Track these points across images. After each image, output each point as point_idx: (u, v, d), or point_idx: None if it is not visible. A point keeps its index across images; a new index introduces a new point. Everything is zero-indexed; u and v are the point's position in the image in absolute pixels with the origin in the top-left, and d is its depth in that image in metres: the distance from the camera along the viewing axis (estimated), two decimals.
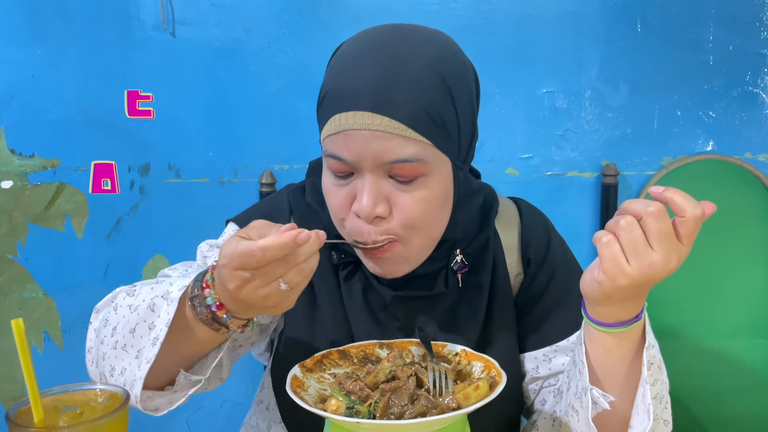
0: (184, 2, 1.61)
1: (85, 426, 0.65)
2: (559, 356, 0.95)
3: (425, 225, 0.83)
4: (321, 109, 0.83)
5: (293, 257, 0.68)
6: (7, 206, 1.64)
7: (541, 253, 0.98)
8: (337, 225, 0.87)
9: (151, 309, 0.78)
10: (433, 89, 0.79)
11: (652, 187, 0.72)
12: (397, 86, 0.77)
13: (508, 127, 1.70)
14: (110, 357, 0.81)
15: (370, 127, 0.77)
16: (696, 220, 0.68)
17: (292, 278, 0.70)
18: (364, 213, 0.79)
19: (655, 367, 0.77)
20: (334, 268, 0.94)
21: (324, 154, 0.83)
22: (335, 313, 0.93)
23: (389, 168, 0.79)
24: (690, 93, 1.70)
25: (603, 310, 0.76)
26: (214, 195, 1.68)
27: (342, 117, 0.78)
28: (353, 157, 0.79)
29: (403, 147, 0.78)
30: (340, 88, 0.80)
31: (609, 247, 0.70)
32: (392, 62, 0.78)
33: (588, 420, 0.77)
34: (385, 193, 0.80)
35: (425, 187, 0.81)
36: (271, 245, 0.66)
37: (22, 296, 1.68)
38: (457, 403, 0.73)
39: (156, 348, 0.75)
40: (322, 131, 0.83)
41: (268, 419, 1.00)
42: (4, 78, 1.60)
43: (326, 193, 0.86)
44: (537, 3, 1.65)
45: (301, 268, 0.69)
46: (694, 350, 1.68)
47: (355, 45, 0.83)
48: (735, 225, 1.66)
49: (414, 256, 0.86)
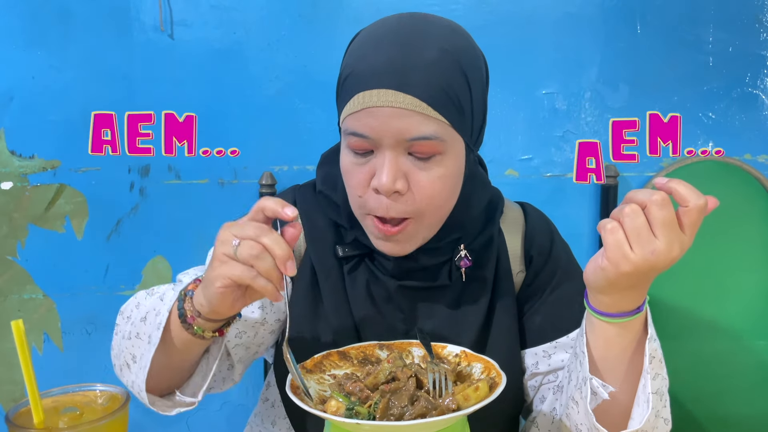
0: (183, 4, 1.61)
1: (85, 427, 0.65)
2: (559, 353, 0.95)
3: (439, 202, 0.87)
4: (343, 89, 0.86)
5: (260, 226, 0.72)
6: (7, 207, 1.64)
7: (544, 251, 1.00)
8: (354, 203, 0.89)
9: (160, 299, 0.83)
10: (450, 71, 0.83)
11: (657, 178, 0.74)
12: (418, 67, 0.81)
13: (507, 128, 1.70)
14: (126, 347, 0.86)
15: (393, 104, 0.80)
16: (699, 210, 0.70)
17: (242, 249, 0.71)
18: (384, 188, 0.82)
19: (656, 361, 0.78)
20: (338, 263, 0.95)
21: (344, 133, 0.86)
22: (339, 306, 0.94)
23: (409, 145, 0.82)
24: (690, 94, 1.70)
25: (605, 299, 0.77)
26: (214, 196, 1.68)
27: (366, 95, 0.82)
28: (375, 133, 0.82)
29: (424, 125, 0.81)
30: (364, 68, 0.83)
31: (613, 233, 0.71)
32: (412, 44, 0.82)
33: (587, 409, 0.77)
34: (404, 170, 0.83)
35: (441, 165, 0.84)
36: (270, 204, 0.73)
37: (21, 297, 1.68)
38: (457, 405, 0.73)
39: (159, 332, 0.79)
40: (342, 111, 0.86)
41: (273, 416, 1.01)
42: (4, 79, 1.60)
43: (345, 172, 0.88)
44: (537, 4, 1.65)
45: (252, 244, 0.71)
46: (693, 351, 1.68)
47: (375, 30, 0.87)
48: (735, 226, 1.66)
49: (423, 232, 0.89)
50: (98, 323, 1.68)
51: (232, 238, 0.72)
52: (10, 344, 1.63)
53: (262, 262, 0.71)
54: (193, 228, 1.67)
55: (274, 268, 0.71)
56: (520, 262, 1.00)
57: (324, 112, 1.65)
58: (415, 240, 0.89)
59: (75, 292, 1.68)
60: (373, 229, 0.88)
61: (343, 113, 0.86)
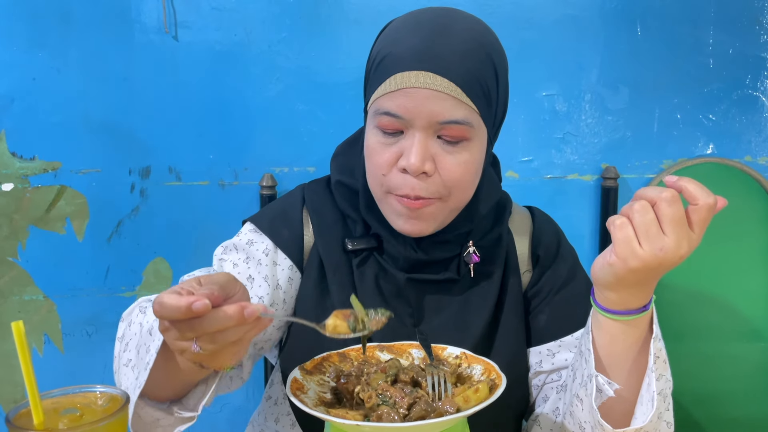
0: (185, 5, 1.61)
1: (85, 428, 0.65)
2: (563, 352, 0.96)
3: (463, 187, 0.89)
4: (377, 71, 0.88)
5: (199, 324, 0.64)
6: (8, 209, 1.65)
7: (551, 252, 1.01)
8: (375, 182, 0.90)
9: (149, 332, 0.78)
10: (484, 62, 0.86)
11: (666, 176, 0.74)
12: (456, 53, 0.83)
13: (507, 129, 1.68)
14: (121, 373, 0.84)
15: (431, 86, 0.82)
16: (708, 208, 0.70)
17: (203, 344, 0.65)
18: (413, 168, 0.84)
19: (660, 362, 0.78)
20: (347, 256, 0.96)
21: (375, 113, 0.87)
22: (347, 300, 0.94)
23: (440, 128, 0.85)
24: (690, 96, 1.70)
25: (612, 296, 0.77)
26: (215, 198, 1.68)
27: (404, 76, 0.83)
28: (408, 114, 0.84)
29: (456, 109, 0.84)
30: (402, 50, 0.85)
31: (622, 229, 0.72)
32: (449, 33, 0.85)
33: (592, 406, 0.77)
34: (432, 152, 0.85)
35: (468, 150, 0.87)
36: (166, 305, 0.63)
37: (22, 299, 1.68)
38: (457, 407, 0.73)
39: (146, 373, 0.75)
40: (374, 93, 0.87)
41: (276, 413, 1.02)
42: (5, 81, 1.60)
43: (370, 151, 0.89)
44: (537, 6, 1.65)
45: (213, 337, 0.65)
46: (694, 353, 1.68)
47: (411, 18, 0.89)
48: (735, 228, 1.66)
49: (444, 215, 0.91)
50: (99, 325, 1.68)
51: (189, 343, 0.66)
52: (11, 345, 1.63)
53: (220, 348, 0.66)
54: (194, 229, 1.67)
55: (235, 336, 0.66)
56: (528, 262, 1.01)
57: (325, 114, 1.65)
58: (435, 221, 0.90)
59: (75, 294, 1.68)
60: (397, 205, 0.88)
61: (374, 95, 0.87)
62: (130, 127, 1.64)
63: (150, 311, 0.83)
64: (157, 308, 0.64)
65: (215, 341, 0.65)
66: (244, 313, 0.64)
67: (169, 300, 0.63)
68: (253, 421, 1.09)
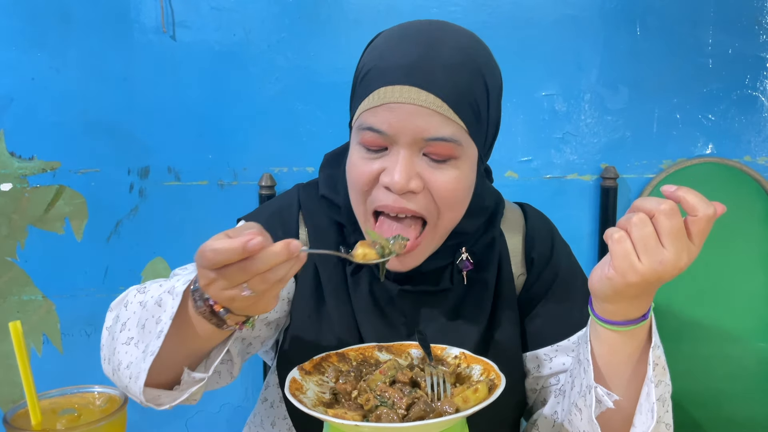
0: (184, 5, 1.61)
1: (83, 429, 0.65)
2: (560, 356, 0.95)
3: (452, 205, 0.85)
4: (361, 84, 0.85)
5: (252, 264, 0.64)
6: (7, 209, 1.64)
7: (545, 254, 0.99)
8: (357, 200, 0.87)
9: (158, 304, 0.77)
10: (473, 77, 0.82)
11: (664, 186, 0.72)
12: (444, 68, 0.80)
13: (507, 130, 1.70)
14: (120, 352, 0.80)
15: (415, 102, 0.79)
16: (708, 219, 0.69)
17: (255, 285, 0.66)
18: (397, 186, 0.81)
19: (659, 368, 0.77)
20: (342, 263, 0.95)
21: (359, 128, 0.84)
22: (341, 308, 0.94)
23: (425, 145, 0.81)
24: (689, 96, 1.70)
25: (611, 307, 0.76)
26: (214, 198, 1.68)
27: (387, 90, 0.80)
28: (392, 130, 0.81)
29: (443, 126, 0.80)
30: (387, 64, 0.82)
31: (620, 243, 0.70)
32: (437, 46, 0.81)
33: (591, 418, 0.77)
34: (418, 170, 0.82)
35: (456, 168, 0.83)
36: (220, 248, 0.64)
37: (21, 299, 1.68)
38: (456, 407, 0.73)
39: (160, 340, 0.74)
40: (358, 108, 0.85)
41: (272, 416, 1.01)
42: (4, 81, 1.60)
43: (352, 166, 0.86)
44: (536, 6, 1.65)
45: (264, 276, 0.65)
46: (694, 354, 1.68)
47: (399, 31, 0.86)
48: (734, 228, 1.66)
49: (432, 248, 0.88)
50: (98, 325, 1.67)
51: (240, 288, 0.67)
52: (9, 346, 1.63)
53: (272, 288, 0.68)
54: (193, 229, 1.67)
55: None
56: (521, 264, 1.00)
57: (324, 114, 1.65)
58: (424, 255, 0.88)
59: (74, 294, 1.68)
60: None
61: (359, 109, 0.84)
62: (129, 127, 1.64)
63: (152, 289, 0.81)
64: (210, 255, 0.64)
65: (266, 280, 0.66)
66: (290, 247, 0.65)
67: (222, 244, 0.63)
68: (249, 423, 1.08)
